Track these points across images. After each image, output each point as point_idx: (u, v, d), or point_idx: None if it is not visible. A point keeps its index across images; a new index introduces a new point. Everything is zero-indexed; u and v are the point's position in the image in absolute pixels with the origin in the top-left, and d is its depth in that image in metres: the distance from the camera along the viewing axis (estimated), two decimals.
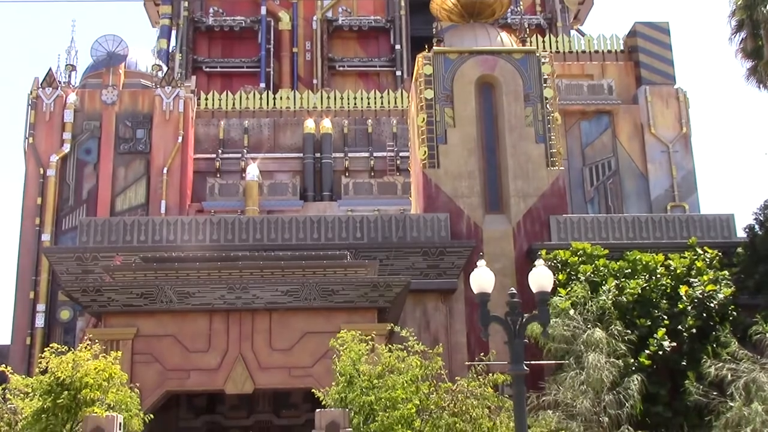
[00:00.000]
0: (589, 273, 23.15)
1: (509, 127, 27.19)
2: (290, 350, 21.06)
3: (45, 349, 16.13)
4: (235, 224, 26.04)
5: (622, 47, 38.36)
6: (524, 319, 14.35)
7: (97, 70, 36.53)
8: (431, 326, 25.18)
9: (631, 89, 37.09)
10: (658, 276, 23.21)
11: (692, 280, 23.23)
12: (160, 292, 20.93)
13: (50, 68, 35.69)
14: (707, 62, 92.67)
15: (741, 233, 25.99)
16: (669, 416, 21.31)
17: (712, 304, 22.57)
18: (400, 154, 36.58)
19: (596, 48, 38.48)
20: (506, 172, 26.85)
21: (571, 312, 20.87)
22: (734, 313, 22.68)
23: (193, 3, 44.79)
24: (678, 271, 23.42)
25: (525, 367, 14.10)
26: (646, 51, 37.46)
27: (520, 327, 14.19)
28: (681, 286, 23.03)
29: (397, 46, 44.27)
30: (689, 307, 22.52)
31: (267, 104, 38.37)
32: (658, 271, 23.34)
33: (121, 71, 36.30)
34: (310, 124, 37.26)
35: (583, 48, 38.54)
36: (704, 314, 22.49)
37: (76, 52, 37.60)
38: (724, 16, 36.23)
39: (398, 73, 43.71)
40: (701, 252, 24.32)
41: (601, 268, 23.37)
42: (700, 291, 22.75)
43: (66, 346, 16.07)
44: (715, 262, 24.06)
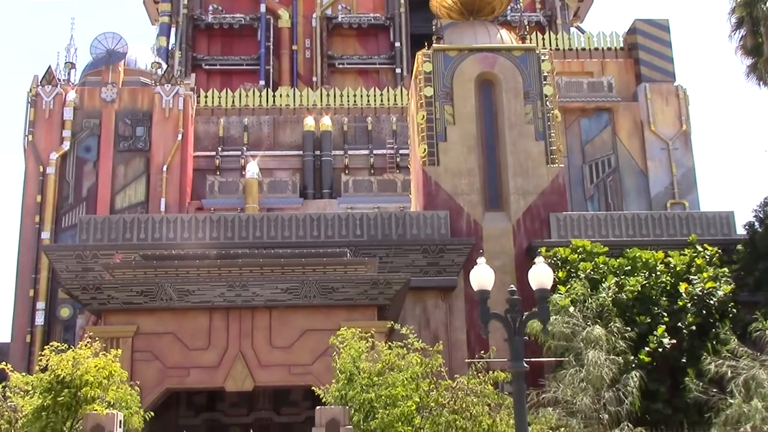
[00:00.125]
0: (588, 270, 23.16)
1: (509, 124, 27.19)
2: (290, 348, 21.07)
3: (45, 346, 16.11)
4: (235, 222, 26.05)
5: (621, 44, 38.32)
6: (524, 317, 14.35)
7: (96, 67, 36.48)
8: (431, 324, 25.19)
9: (631, 86, 37.06)
10: (658, 273, 23.23)
11: (692, 277, 23.26)
12: (160, 290, 20.93)
13: (50, 66, 35.67)
14: (707, 59, 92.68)
15: (741, 230, 26.00)
16: (669, 413, 21.35)
17: (711, 302, 22.60)
18: (400, 151, 36.55)
19: (596, 45, 38.43)
20: (506, 170, 26.85)
21: (571, 309, 20.89)
22: (734, 310, 22.72)
23: (192, 0, 44.74)
24: (678, 269, 23.45)
25: (525, 365, 14.10)
26: (646, 48, 37.42)
27: (520, 324, 14.18)
28: (681, 283, 23.06)
29: (397, 44, 44.22)
30: (689, 305, 22.55)
31: (267, 102, 38.32)
32: (657, 268, 23.36)
33: (120, 69, 36.26)
34: (309, 121, 37.23)
35: (582, 45, 38.49)
36: (704, 311, 22.53)
37: (75, 50, 37.59)
38: (724, 14, 36.15)
39: (398, 70, 43.67)
40: (701, 249, 24.33)
41: (601, 266, 23.38)
42: (700, 288, 22.77)
43: (66, 344, 16.05)
44: (714, 259, 24.08)
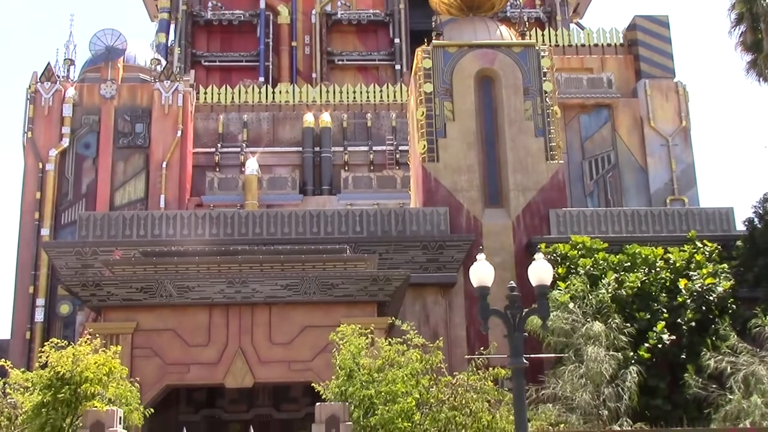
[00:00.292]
0: (588, 266, 23.17)
1: (509, 120, 27.18)
2: (290, 344, 21.09)
3: (45, 343, 16.13)
4: (235, 218, 26.04)
5: (621, 41, 38.28)
6: (524, 313, 14.35)
7: (95, 64, 36.41)
8: (431, 320, 25.21)
9: (631, 83, 37.04)
10: (658, 269, 23.24)
11: (691, 273, 23.28)
12: (160, 287, 20.94)
13: (49, 63, 35.62)
14: (707, 56, 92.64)
15: (740, 226, 26.01)
16: (668, 409, 21.37)
17: (711, 298, 22.62)
18: (400, 147, 36.52)
19: (596, 41, 38.40)
20: (506, 166, 26.84)
21: (571, 305, 20.90)
22: (733, 306, 22.73)
23: None
24: (677, 265, 23.46)
25: (525, 361, 14.10)
26: (646, 44, 37.38)
27: (520, 320, 14.18)
28: (680, 279, 23.07)
29: (397, 40, 44.14)
30: (688, 301, 22.56)
31: (266, 98, 38.28)
32: (657, 264, 23.37)
33: (119, 65, 36.21)
34: (309, 118, 37.20)
35: (582, 41, 38.45)
36: (703, 307, 22.54)
37: (74, 47, 37.52)
38: (723, 10, 36.16)
39: (397, 67, 43.60)
40: (700, 245, 24.34)
41: (601, 262, 23.39)
42: (700, 284, 22.79)
43: (66, 341, 16.08)
44: (714, 255, 24.09)
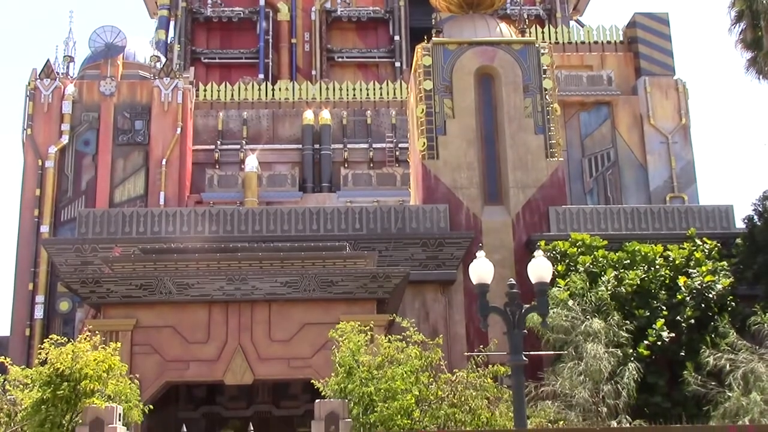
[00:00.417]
0: (588, 264, 23.17)
1: (508, 118, 27.17)
2: (289, 341, 21.09)
3: (44, 340, 16.11)
4: (234, 215, 26.04)
5: (621, 38, 38.26)
6: (523, 310, 14.38)
7: (95, 61, 36.39)
8: (430, 317, 25.22)
9: (631, 80, 37.02)
10: (657, 267, 23.24)
11: (691, 270, 23.28)
12: (160, 284, 20.94)
13: (48, 59, 35.57)
14: (707, 53, 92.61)
15: (740, 224, 26.00)
16: (667, 406, 21.37)
17: (710, 295, 22.62)
18: (399, 145, 36.51)
19: (595, 39, 38.38)
20: (505, 164, 26.84)
21: (570, 303, 20.90)
22: (733, 303, 22.73)
23: None
24: (677, 262, 23.47)
25: (524, 358, 14.13)
26: (646, 42, 37.36)
27: (519, 318, 14.22)
28: (680, 276, 23.08)
29: (396, 37, 44.10)
30: (688, 298, 22.57)
31: (266, 95, 38.26)
32: (656, 262, 23.37)
33: (119, 62, 36.18)
34: (309, 115, 37.18)
35: (582, 39, 38.44)
36: (703, 305, 22.54)
37: (74, 43, 37.49)
38: (723, 7, 36.19)
39: (397, 64, 43.55)
40: (700, 243, 24.35)
41: (600, 259, 23.39)
42: (699, 282, 22.79)
43: (65, 338, 16.05)
44: (713, 252, 24.09)
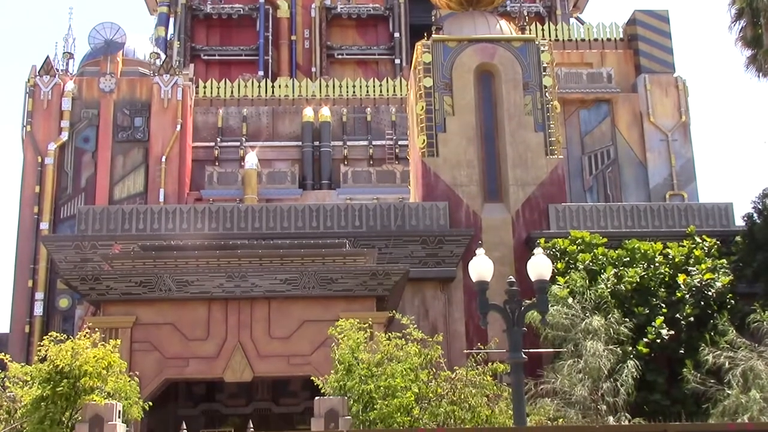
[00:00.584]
0: (587, 261, 23.17)
1: (508, 115, 27.15)
2: (289, 338, 21.09)
3: (44, 337, 16.11)
4: (234, 213, 26.04)
5: (621, 35, 38.21)
6: (523, 308, 14.38)
7: (94, 58, 36.36)
8: (430, 315, 25.22)
9: (631, 78, 36.99)
10: (657, 264, 23.24)
11: (690, 268, 23.28)
12: (159, 281, 20.94)
13: (47, 56, 35.51)
14: (707, 51, 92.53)
15: (739, 222, 26.00)
16: (667, 404, 21.39)
17: (710, 293, 22.63)
18: (399, 142, 36.49)
19: (595, 36, 38.33)
20: (505, 161, 26.83)
21: (570, 300, 20.90)
22: (732, 301, 22.74)
23: None
24: (676, 260, 23.47)
25: (523, 356, 14.13)
26: (646, 39, 37.33)
27: (519, 315, 14.22)
28: (679, 274, 23.08)
29: (396, 34, 44.07)
30: (687, 296, 22.58)
31: (265, 92, 38.21)
32: (656, 259, 23.37)
33: (118, 59, 36.14)
34: (308, 112, 37.15)
35: (582, 36, 38.40)
36: (702, 303, 22.56)
37: (73, 40, 37.41)
38: (724, 5, 36.08)
39: (397, 61, 43.53)
40: (700, 240, 24.35)
41: (600, 257, 23.39)
42: (699, 279, 22.80)
43: (65, 335, 16.05)
44: (713, 250, 24.10)
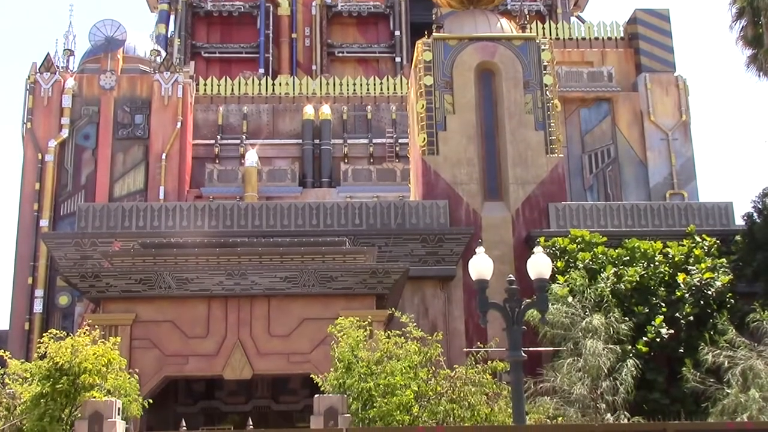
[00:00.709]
0: (587, 260, 23.17)
1: (509, 114, 27.15)
2: (289, 336, 21.09)
3: (43, 334, 16.13)
4: (234, 210, 26.03)
5: (622, 34, 38.20)
6: (522, 306, 14.38)
7: (95, 55, 36.34)
8: (430, 313, 25.22)
9: (631, 76, 36.98)
10: (657, 264, 23.24)
11: (690, 267, 23.29)
12: (159, 278, 20.94)
13: (48, 53, 35.56)
14: (707, 50, 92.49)
15: (739, 221, 26.00)
16: (666, 403, 21.41)
17: (709, 292, 22.64)
18: (400, 140, 36.49)
19: (596, 35, 38.32)
20: (505, 159, 26.82)
21: (570, 299, 20.91)
22: (732, 300, 22.75)
23: None
24: (676, 259, 23.47)
25: (523, 354, 14.13)
26: (646, 38, 37.32)
27: (519, 314, 14.23)
28: (679, 273, 23.09)
29: (397, 33, 44.06)
30: (687, 295, 22.58)
31: (266, 90, 38.22)
32: (656, 258, 23.38)
33: (119, 56, 36.14)
34: (309, 110, 37.16)
35: (583, 35, 38.38)
36: (702, 302, 22.57)
37: (74, 37, 37.41)
38: (724, 4, 36.20)
39: (398, 59, 43.53)
40: (699, 240, 24.35)
41: (600, 256, 23.40)
42: (698, 279, 22.81)
43: (64, 332, 16.07)
44: (713, 249, 24.10)
